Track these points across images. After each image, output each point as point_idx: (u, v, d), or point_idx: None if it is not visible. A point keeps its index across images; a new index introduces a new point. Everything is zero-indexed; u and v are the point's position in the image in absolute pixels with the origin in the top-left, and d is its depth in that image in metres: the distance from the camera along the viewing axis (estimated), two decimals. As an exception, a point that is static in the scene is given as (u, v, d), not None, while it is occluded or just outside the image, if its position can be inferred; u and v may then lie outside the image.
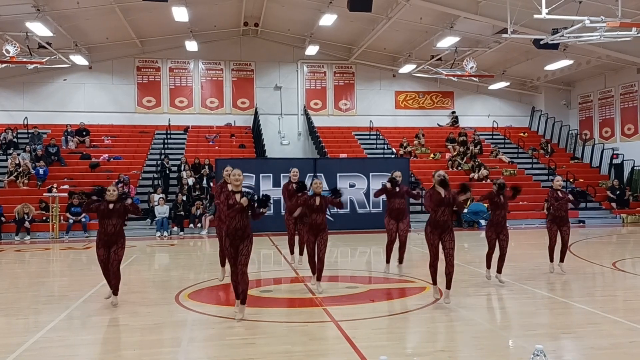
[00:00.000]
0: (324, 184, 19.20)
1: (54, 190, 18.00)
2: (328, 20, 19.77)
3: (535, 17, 14.42)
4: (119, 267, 7.38)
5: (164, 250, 14.54)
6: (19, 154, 20.32)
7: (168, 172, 20.29)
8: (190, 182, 19.22)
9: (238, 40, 25.09)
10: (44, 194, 18.12)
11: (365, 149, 24.00)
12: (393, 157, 22.58)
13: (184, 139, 23.71)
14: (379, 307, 7.32)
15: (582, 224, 19.20)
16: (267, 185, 17.85)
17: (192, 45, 22.50)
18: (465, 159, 23.14)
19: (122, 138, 23.41)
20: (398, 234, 9.15)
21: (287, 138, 25.25)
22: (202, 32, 22.92)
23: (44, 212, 17.88)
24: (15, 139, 21.86)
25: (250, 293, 6.94)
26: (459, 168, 22.72)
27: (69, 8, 18.88)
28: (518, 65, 24.37)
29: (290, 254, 10.55)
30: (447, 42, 20.63)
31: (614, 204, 21.09)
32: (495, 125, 26.48)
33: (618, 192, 21.36)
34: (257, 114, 24.36)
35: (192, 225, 18.15)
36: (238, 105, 25.40)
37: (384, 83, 26.38)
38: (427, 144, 24.55)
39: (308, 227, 8.06)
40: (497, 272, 8.54)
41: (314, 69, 25.95)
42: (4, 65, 19.72)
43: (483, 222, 18.20)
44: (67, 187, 18.89)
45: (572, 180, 21.55)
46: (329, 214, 8.46)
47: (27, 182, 19.33)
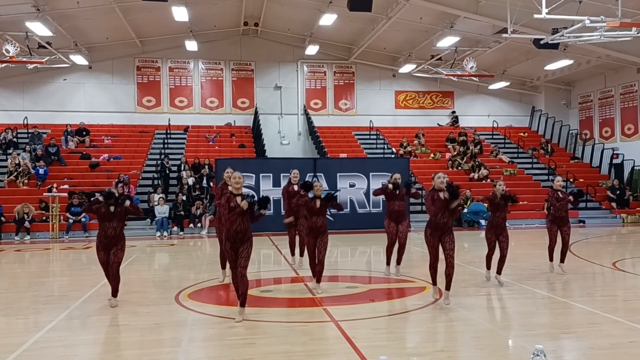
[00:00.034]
0: (324, 184, 19.21)
1: (54, 190, 17.99)
2: (328, 20, 19.76)
3: (535, 17, 14.42)
4: (119, 269, 7.38)
5: (164, 250, 14.54)
6: (19, 154, 20.32)
7: (168, 172, 20.29)
8: (190, 182, 19.22)
9: (238, 40, 25.09)
10: (44, 194, 18.12)
11: (365, 149, 23.99)
12: (393, 157, 22.57)
13: (184, 139, 23.71)
14: (379, 307, 7.32)
15: (582, 224, 19.21)
16: (267, 185, 17.85)
17: (192, 45, 22.50)
18: (465, 159, 23.14)
19: (122, 138, 23.42)
20: (398, 236, 9.16)
21: (287, 138, 25.25)
22: (202, 32, 22.92)
23: (44, 212, 17.88)
24: (15, 139, 21.87)
25: (250, 293, 6.94)
26: (459, 168, 22.72)
27: (69, 8, 18.88)
28: (518, 65, 24.37)
29: (291, 256, 10.56)
30: (447, 41, 20.62)
31: (614, 204, 21.09)
32: (495, 125, 26.48)
33: (618, 192, 21.36)
34: (257, 114, 24.36)
35: (192, 225, 18.16)
36: (238, 105, 25.40)
37: (384, 83, 26.38)
38: (427, 144, 24.55)
39: (308, 229, 8.07)
40: (496, 272, 8.55)
41: (314, 69, 25.95)
42: (4, 65, 19.73)
43: (483, 222, 18.20)
44: (67, 187, 18.90)
45: (572, 180, 21.55)
46: (329, 214, 8.46)
47: (27, 182, 19.34)
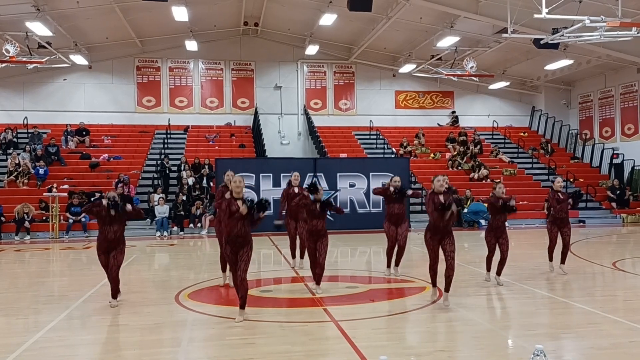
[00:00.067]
0: (324, 184, 19.15)
1: (54, 190, 17.99)
2: (328, 20, 19.75)
3: (536, 16, 14.42)
4: (118, 272, 7.40)
5: (164, 250, 14.54)
6: (19, 154, 20.32)
7: (168, 172, 20.29)
8: (190, 182, 19.22)
9: (238, 40, 25.08)
10: (44, 194, 18.11)
11: (365, 149, 23.99)
12: (393, 157, 22.56)
13: (184, 139, 23.71)
14: (379, 307, 7.33)
15: (582, 224, 19.21)
16: (267, 185, 17.85)
17: (192, 45, 22.49)
18: (465, 159, 23.14)
19: (122, 138, 23.41)
20: (397, 239, 9.16)
21: (287, 138, 25.24)
22: (202, 31, 22.91)
23: (44, 212, 17.88)
24: (15, 139, 21.86)
25: (251, 293, 6.94)
26: (459, 168, 22.72)
27: (69, 8, 18.87)
28: (518, 65, 24.36)
29: (292, 258, 10.57)
30: (447, 41, 20.61)
31: (614, 204, 21.08)
32: (495, 125, 26.47)
33: (618, 192, 21.35)
34: (257, 114, 24.35)
35: (192, 225, 18.15)
36: (238, 105, 25.39)
37: (384, 83, 26.37)
38: (427, 144, 24.55)
39: (308, 233, 8.08)
40: (496, 274, 8.56)
41: (314, 69, 25.94)
42: (4, 65, 19.72)
43: (483, 222, 18.20)
44: (67, 187, 18.90)
45: (572, 180, 21.55)
46: (329, 214, 8.45)
47: (27, 182, 19.33)
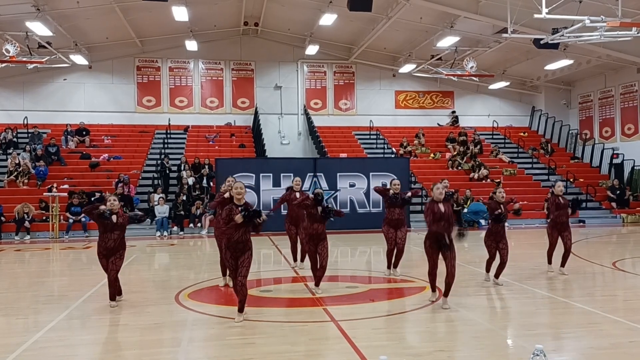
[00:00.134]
0: (324, 184, 19.10)
1: (54, 190, 17.97)
2: (328, 20, 19.75)
3: (536, 16, 14.42)
4: (116, 275, 7.40)
5: (164, 250, 14.54)
6: (19, 154, 20.32)
7: (168, 171, 20.28)
8: (190, 181, 19.22)
9: (238, 40, 25.08)
10: (44, 194, 18.10)
11: (365, 149, 23.99)
12: (393, 156, 22.56)
13: (184, 139, 23.70)
14: (379, 306, 7.33)
15: (582, 224, 19.21)
16: (267, 185, 17.85)
17: (192, 45, 22.49)
18: (465, 159, 23.14)
19: (122, 138, 23.41)
20: (396, 242, 9.17)
21: (287, 138, 25.24)
22: (202, 31, 22.91)
23: (44, 211, 17.88)
24: (15, 139, 21.86)
25: (251, 293, 6.94)
26: (459, 168, 22.72)
27: (69, 8, 18.87)
28: (518, 65, 24.36)
29: (294, 261, 10.57)
30: (447, 41, 20.60)
31: (614, 204, 21.08)
32: (495, 125, 26.47)
33: (618, 191, 21.35)
34: (257, 114, 24.35)
35: (192, 225, 18.15)
36: (238, 105, 25.39)
37: (384, 83, 26.37)
38: (427, 144, 24.54)
39: (308, 237, 8.09)
40: (494, 276, 8.58)
41: (314, 69, 25.94)
42: (4, 65, 19.72)
43: (483, 222, 18.20)
44: (67, 186, 18.89)
45: (572, 180, 21.55)
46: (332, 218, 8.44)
47: (27, 181, 19.33)
